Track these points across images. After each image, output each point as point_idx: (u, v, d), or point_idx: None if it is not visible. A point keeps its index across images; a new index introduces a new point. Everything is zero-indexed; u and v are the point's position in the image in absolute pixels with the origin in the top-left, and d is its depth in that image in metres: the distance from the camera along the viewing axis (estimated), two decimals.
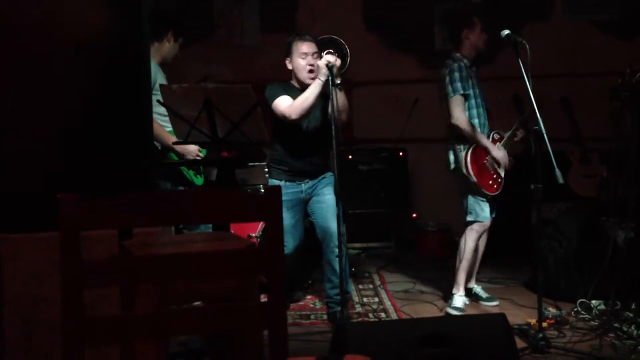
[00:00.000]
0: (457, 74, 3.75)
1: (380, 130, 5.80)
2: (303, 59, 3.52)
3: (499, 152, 3.81)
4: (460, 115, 3.74)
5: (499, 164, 3.81)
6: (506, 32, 3.33)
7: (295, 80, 3.62)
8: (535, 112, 3.17)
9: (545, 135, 3.09)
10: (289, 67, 3.59)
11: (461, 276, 3.87)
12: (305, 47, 3.53)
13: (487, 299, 3.96)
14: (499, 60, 5.33)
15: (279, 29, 5.83)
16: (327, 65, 3.31)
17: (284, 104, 3.47)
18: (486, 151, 3.80)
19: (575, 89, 5.65)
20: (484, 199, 3.81)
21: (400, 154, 5.52)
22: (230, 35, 6.01)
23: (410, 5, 5.94)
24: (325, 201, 3.57)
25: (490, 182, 3.81)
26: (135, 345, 1.73)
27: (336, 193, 3.27)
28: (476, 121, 3.80)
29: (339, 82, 3.34)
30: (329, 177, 3.68)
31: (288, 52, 3.58)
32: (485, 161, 3.80)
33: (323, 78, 3.35)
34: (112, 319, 1.40)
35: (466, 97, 3.77)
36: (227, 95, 3.00)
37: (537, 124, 3.16)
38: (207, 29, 5.95)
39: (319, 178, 3.66)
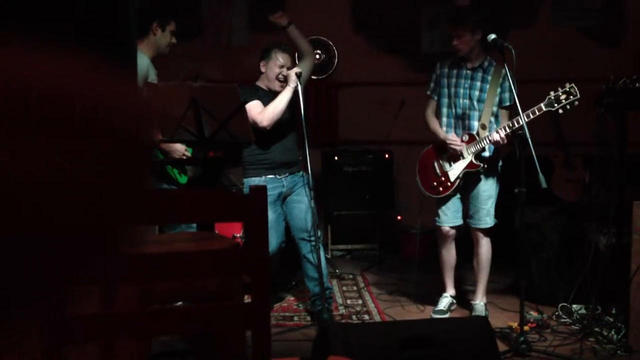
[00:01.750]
0: (432, 74, 3.90)
1: (366, 131, 5.81)
2: (279, 68, 3.67)
3: (444, 134, 3.75)
4: (424, 111, 3.90)
5: (450, 159, 3.74)
6: (492, 36, 3.35)
7: (263, 83, 3.73)
8: (521, 116, 3.20)
9: (529, 139, 3.12)
10: (262, 70, 3.72)
11: (444, 278, 3.92)
12: (283, 59, 3.69)
13: None
14: None
15: (267, 29, 5.78)
16: (296, 74, 3.53)
17: (255, 110, 3.54)
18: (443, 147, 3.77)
19: None
20: (447, 203, 3.79)
21: (386, 155, 5.53)
22: (218, 34, 5.99)
23: (398, 7, 5.96)
24: (305, 202, 3.66)
25: (435, 183, 3.79)
26: (117, 345, 1.72)
27: (310, 188, 3.45)
28: (443, 120, 3.81)
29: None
30: (305, 177, 3.76)
31: (266, 57, 3.71)
32: (435, 161, 3.80)
33: (293, 85, 3.54)
34: (92, 317, 1.39)
35: (440, 96, 3.83)
36: (213, 94, 3.00)
37: (522, 128, 3.19)
38: (195, 28, 5.93)
39: (297, 174, 3.73)
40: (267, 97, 3.62)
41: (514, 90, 3.21)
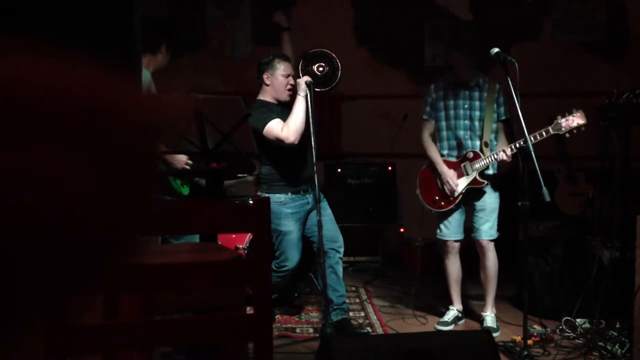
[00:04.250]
0: (425, 97, 3.89)
1: (369, 144, 5.82)
2: (286, 77, 3.63)
3: (443, 169, 3.74)
4: (420, 135, 3.89)
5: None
6: (495, 50, 3.36)
7: (269, 95, 3.68)
8: (524, 130, 3.20)
9: (532, 153, 3.12)
10: (267, 82, 3.65)
11: (450, 292, 3.91)
12: (287, 68, 3.65)
13: (490, 329, 3.72)
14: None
15: (270, 42, 5.84)
16: (306, 83, 3.47)
17: (277, 128, 3.48)
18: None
19: (563, 108, 5.70)
20: (449, 217, 3.78)
21: (389, 168, 5.54)
22: (221, 47, 6.03)
23: (401, 21, 6.00)
24: (328, 214, 3.67)
25: (437, 197, 3.79)
26: (119, 355, 1.72)
27: (316, 201, 3.41)
28: (444, 143, 3.80)
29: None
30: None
31: (269, 68, 3.65)
32: (437, 176, 3.80)
33: (304, 94, 3.48)
34: (94, 327, 1.38)
35: (437, 119, 3.81)
36: (217, 106, 3.01)
37: (525, 142, 3.19)
38: (199, 40, 5.97)
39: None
40: (282, 112, 3.58)
41: (517, 105, 3.21)
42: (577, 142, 5.28)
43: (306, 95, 3.49)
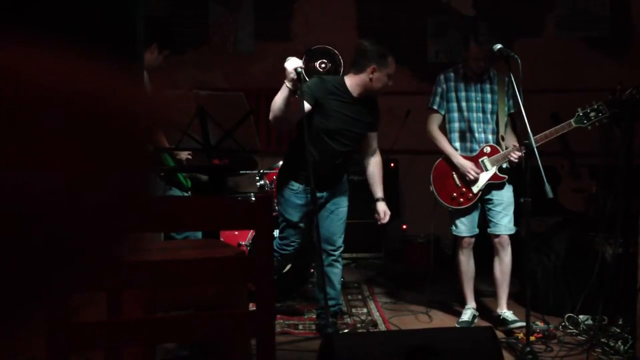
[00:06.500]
0: (435, 87, 3.80)
1: None
2: (388, 79, 3.42)
3: (460, 160, 3.66)
4: (428, 127, 3.80)
5: (463, 174, 3.66)
6: (498, 46, 3.35)
7: (351, 81, 3.44)
8: (526, 126, 3.20)
9: (535, 149, 3.11)
10: (370, 75, 3.35)
11: (463, 291, 3.86)
12: (393, 70, 3.43)
13: (513, 322, 3.66)
14: None
15: (272, 37, 5.87)
16: (295, 70, 3.00)
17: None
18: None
19: (566, 104, 5.70)
20: (463, 213, 3.73)
21: (392, 165, 5.53)
22: (224, 43, 6.03)
23: (403, 17, 5.99)
24: (339, 213, 3.51)
25: (455, 194, 3.70)
26: (122, 352, 1.72)
27: (314, 203, 3.21)
28: (455, 135, 3.73)
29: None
30: (345, 183, 3.63)
31: (380, 62, 3.36)
32: (454, 171, 3.72)
33: (289, 85, 3.03)
34: (98, 324, 1.39)
35: (448, 110, 3.75)
36: (220, 102, 3.01)
37: (528, 138, 3.18)
38: (201, 36, 5.97)
39: (336, 186, 3.55)
40: (341, 96, 3.34)
41: (520, 102, 3.21)
42: (580, 138, 5.28)
43: (295, 88, 3.03)
